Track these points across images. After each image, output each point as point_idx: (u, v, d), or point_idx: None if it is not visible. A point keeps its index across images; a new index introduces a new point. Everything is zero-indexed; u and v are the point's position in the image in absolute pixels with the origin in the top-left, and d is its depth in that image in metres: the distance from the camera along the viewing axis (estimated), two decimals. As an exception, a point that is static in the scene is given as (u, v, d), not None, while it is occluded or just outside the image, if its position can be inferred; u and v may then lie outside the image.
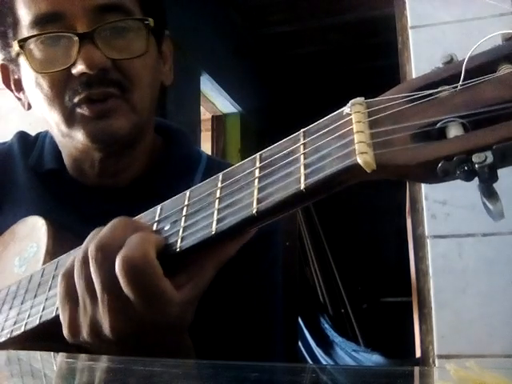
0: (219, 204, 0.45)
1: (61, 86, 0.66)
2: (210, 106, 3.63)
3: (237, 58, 3.79)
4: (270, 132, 3.97)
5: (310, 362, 2.94)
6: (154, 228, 0.49)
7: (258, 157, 0.44)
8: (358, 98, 0.39)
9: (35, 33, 0.66)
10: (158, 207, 0.51)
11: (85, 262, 0.48)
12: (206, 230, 0.44)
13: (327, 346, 3.05)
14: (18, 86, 0.74)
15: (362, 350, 2.98)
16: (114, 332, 0.47)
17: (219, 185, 0.46)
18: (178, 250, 0.46)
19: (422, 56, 1.34)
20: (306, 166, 0.39)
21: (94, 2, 0.65)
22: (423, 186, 1.28)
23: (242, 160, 0.46)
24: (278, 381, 0.35)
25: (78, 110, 0.66)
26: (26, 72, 0.69)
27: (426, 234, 1.29)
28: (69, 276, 0.49)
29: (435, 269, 1.26)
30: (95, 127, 0.66)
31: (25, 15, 0.67)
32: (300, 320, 2.83)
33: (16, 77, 0.74)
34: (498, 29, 0.35)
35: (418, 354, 1.38)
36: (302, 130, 0.42)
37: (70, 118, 0.67)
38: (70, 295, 0.49)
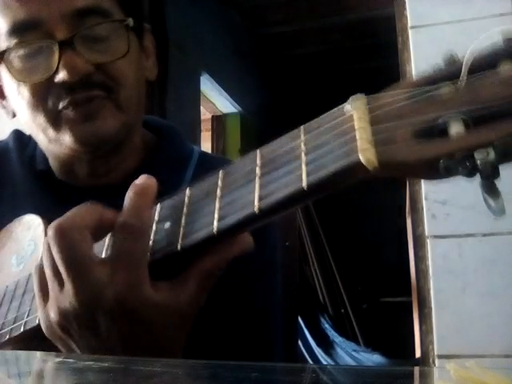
0: (220, 202, 0.44)
1: (43, 93, 0.65)
2: (210, 106, 3.64)
3: (237, 57, 3.79)
4: (270, 132, 3.96)
5: (310, 361, 2.93)
6: (154, 228, 0.49)
7: (258, 154, 0.44)
8: (359, 94, 0.38)
9: (13, 41, 0.65)
10: (158, 206, 0.51)
11: (47, 247, 0.45)
12: (207, 229, 0.44)
13: (327, 345, 3.05)
14: (1, 94, 0.73)
15: (362, 350, 2.99)
16: (78, 314, 0.44)
17: (219, 183, 0.45)
18: (178, 249, 0.46)
19: (422, 56, 1.34)
20: (308, 164, 0.39)
21: (71, 6, 0.65)
22: (423, 185, 1.28)
23: (242, 160, 0.45)
24: (278, 381, 0.35)
25: (64, 114, 0.65)
26: (8, 81, 0.69)
27: (426, 233, 1.29)
28: (40, 269, 0.47)
29: (435, 269, 1.26)
30: (83, 130, 0.66)
31: (2, 24, 0.66)
32: (300, 320, 2.82)
33: None
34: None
35: (418, 354, 1.38)
36: (301, 127, 0.41)
37: (56, 122, 0.66)
38: (44, 288, 0.47)
